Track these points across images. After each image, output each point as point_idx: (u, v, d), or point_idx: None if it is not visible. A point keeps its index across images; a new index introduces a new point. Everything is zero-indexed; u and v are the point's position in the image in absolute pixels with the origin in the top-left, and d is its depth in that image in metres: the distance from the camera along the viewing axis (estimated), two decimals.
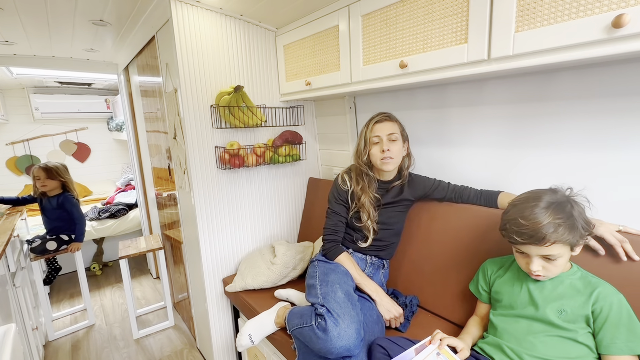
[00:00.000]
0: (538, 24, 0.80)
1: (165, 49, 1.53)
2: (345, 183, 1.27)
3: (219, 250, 1.62)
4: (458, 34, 0.96)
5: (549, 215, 0.76)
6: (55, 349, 2.02)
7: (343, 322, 0.92)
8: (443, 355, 0.84)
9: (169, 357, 1.90)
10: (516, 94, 1.13)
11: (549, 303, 0.82)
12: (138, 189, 2.77)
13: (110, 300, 2.60)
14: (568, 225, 0.75)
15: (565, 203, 0.78)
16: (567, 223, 0.75)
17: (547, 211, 0.76)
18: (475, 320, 1.02)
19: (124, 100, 2.57)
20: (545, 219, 0.75)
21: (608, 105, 0.95)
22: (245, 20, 1.56)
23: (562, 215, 0.76)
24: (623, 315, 0.75)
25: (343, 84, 1.35)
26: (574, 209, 0.78)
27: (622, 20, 0.67)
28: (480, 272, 1.02)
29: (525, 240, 0.78)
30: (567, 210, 0.77)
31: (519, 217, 0.79)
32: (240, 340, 1.23)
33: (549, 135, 1.08)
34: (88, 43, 2.04)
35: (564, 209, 0.77)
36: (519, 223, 0.79)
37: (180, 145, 1.56)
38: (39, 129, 3.49)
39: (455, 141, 1.34)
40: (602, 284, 0.80)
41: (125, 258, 1.98)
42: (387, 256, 1.33)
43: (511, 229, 0.81)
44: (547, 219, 0.75)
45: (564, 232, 0.75)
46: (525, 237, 0.78)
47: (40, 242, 2.06)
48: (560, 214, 0.76)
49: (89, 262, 3.13)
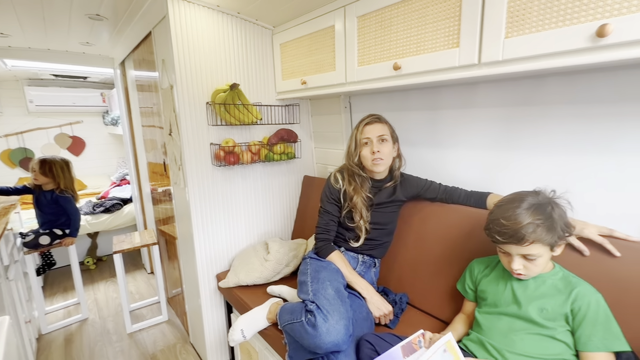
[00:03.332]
0: (527, 31, 0.82)
1: (161, 45, 1.53)
2: (337, 182, 1.29)
3: (213, 246, 1.63)
4: (450, 38, 0.98)
5: (529, 216, 0.79)
6: (48, 342, 2.03)
7: (332, 319, 0.94)
8: (449, 353, 0.86)
9: (162, 352, 1.91)
10: (506, 97, 1.15)
11: (531, 301, 0.85)
12: (133, 184, 2.77)
13: (104, 295, 2.61)
14: (546, 226, 0.78)
15: (546, 205, 0.81)
16: (546, 224, 0.78)
17: (528, 212, 0.80)
18: (461, 317, 1.05)
19: (120, 94, 2.56)
20: (525, 220, 0.79)
21: (593, 110, 0.97)
22: (242, 18, 1.57)
23: (542, 216, 0.79)
24: (600, 314, 0.78)
25: (338, 84, 1.37)
26: (554, 210, 0.81)
27: (605, 29, 0.69)
28: (468, 272, 1.05)
29: (506, 240, 0.82)
30: (547, 212, 0.80)
31: (501, 217, 0.83)
32: (233, 335, 1.25)
33: (537, 139, 1.10)
34: (84, 37, 2.03)
35: (544, 210, 0.80)
36: (500, 223, 0.82)
37: (175, 141, 1.57)
38: (34, 121, 3.46)
39: (447, 143, 1.37)
40: (581, 283, 0.83)
41: (120, 253, 1.98)
42: (378, 255, 1.35)
43: (494, 228, 0.84)
44: (526, 219, 0.79)
45: (542, 232, 0.78)
46: (506, 236, 0.81)
47: (34, 236, 2.06)
48: (540, 215, 0.79)
49: (83, 256, 3.12)
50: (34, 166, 2.07)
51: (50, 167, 2.10)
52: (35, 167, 2.07)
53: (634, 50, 0.69)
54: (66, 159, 2.21)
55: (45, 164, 2.09)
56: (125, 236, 2.20)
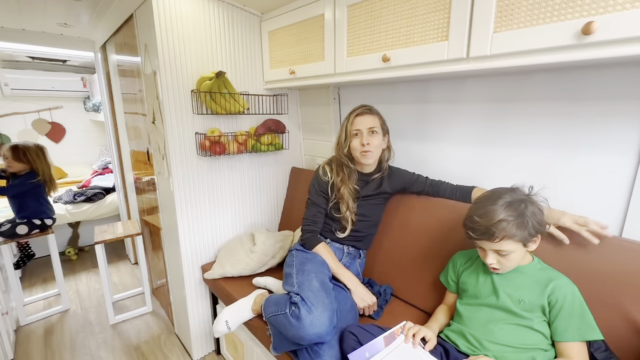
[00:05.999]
0: (515, 26, 0.82)
1: (144, 29, 1.47)
2: (326, 174, 1.29)
3: (198, 237, 1.61)
4: (439, 31, 0.97)
5: (500, 214, 0.81)
6: (27, 334, 1.98)
7: (316, 310, 0.94)
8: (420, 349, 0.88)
9: (146, 343, 1.89)
10: (493, 92, 1.16)
11: (509, 293, 0.87)
12: (116, 173, 2.69)
13: (86, 286, 2.55)
14: (516, 224, 0.80)
15: (520, 202, 0.83)
16: (517, 222, 0.80)
17: (500, 209, 0.81)
18: (443, 308, 1.08)
19: (102, 79, 2.46)
20: (496, 217, 0.80)
21: (579, 107, 0.99)
22: (229, 3, 1.52)
23: (514, 213, 0.81)
24: (575, 306, 0.81)
25: (327, 75, 1.35)
26: (527, 208, 0.82)
27: (591, 27, 0.69)
28: (450, 264, 1.07)
29: (478, 236, 0.84)
30: (520, 210, 0.81)
31: (475, 214, 0.85)
32: (217, 326, 1.24)
33: (523, 134, 1.12)
34: (62, 18, 1.93)
35: (517, 208, 0.81)
36: (474, 220, 0.84)
37: (159, 129, 1.52)
38: (9, 105, 3.30)
39: (434, 136, 1.37)
40: (558, 276, 0.85)
41: (101, 243, 1.94)
42: (364, 246, 1.36)
43: (468, 225, 0.86)
44: (497, 217, 0.80)
45: (512, 229, 0.80)
46: (478, 233, 0.83)
47: (10, 225, 1.98)
48: (511, 213, 0.81)
49: (64, 247, 3.04)
50: (5, 153, 1.97)
51: (24, 152, 2.00)
52: (7, 154, 1.97)
53: (619, 49, 0.70)
54: (40, 144, 2.11)
55: (19, 150, 1.99)
56: (107, 226, 2.15)
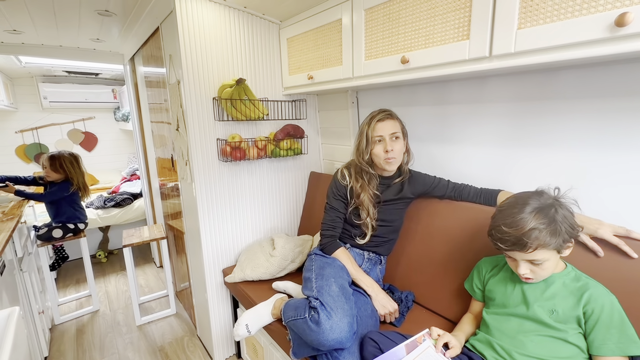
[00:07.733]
0: (541, 22, 0.79)
1: (169, 41, 1.53)
2: (344, 178, 1.28)
3: (220, 241, 1.64)
4: (460, 30, 0.95)
5: (530, 221, 0.75)
6: (61, 333, 2.08)
7: (336, 316, 0.93)
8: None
9: (170, 344, 1.94)
10: (517, 92, 1.11)
11: (540, 303, 0.82)
12: (143, 179, 2.81)
13: (115, 287, 2.66)
14: (550, 231, 0.75)
15: (549, 207, 0.77)
16: (549, 228, 0.75)
17: (529, 217, 0.76)
18: (468, 317, 1.03)
19: (130, 90, 2.59)
20: (527, 226, 0.75)
21: (609, 104, 0.93)
22: (248, 12, 1.56)
23: (545, 220, 0.75)
24: (615, 317, 0.75)
25: (345, 79, 1.35)
26: (558, 213, 0.77)
27: (625, 18, 0.65)
28: (475, 271, 1.03)
29: (509, 247, 0.79)
30: (550, 215, 0.76)
31: (502, 224, 0.79)
32: (238, 329, 1.25)
33: (549, 135, 1.06)
34: (94, 33, 2.06)
35: (547, 213, 0.76)
36: (502, 230, 0.79)
37: (182, 136, 1.57)
38: (48, 117, 3.54)
39: (456, 138, 1.33)
40: (594, 285, 0.80)
41: (129, 247, 2.02)
42: (384, 252, 1.33)
43: (495, 235, 0.81)
44: (528, 225, 0.75)
45: (546, 237, 0.74)
46: (508, 243, 0.78)
47: (47, 229, 2.11)
48: (542, 220, 0.75)
49: (95, 250, 3.19)
50: (44, 162, 2.11)
51: (60, 163, 2.14)
52: (46, 164, 2.11)
53: None
54: (74, 153, 2.23)
55: (55, 160, 2.12)
56: (134, 230, 2.24)
